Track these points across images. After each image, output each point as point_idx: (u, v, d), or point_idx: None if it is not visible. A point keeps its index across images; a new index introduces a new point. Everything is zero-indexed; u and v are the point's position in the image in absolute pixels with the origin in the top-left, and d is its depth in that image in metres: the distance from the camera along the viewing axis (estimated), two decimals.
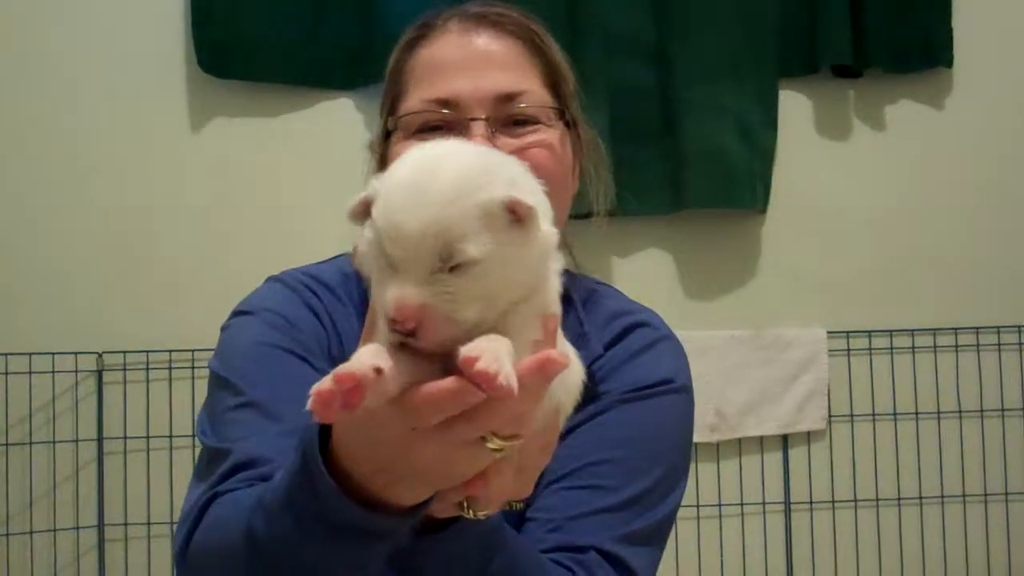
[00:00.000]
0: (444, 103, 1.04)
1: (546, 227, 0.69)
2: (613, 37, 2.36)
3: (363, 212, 0.69)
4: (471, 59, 1.05)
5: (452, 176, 0.65)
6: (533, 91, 1.06)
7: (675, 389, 1.08)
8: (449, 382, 0.63)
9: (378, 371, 0.63)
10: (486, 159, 0.70)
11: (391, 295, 0.64)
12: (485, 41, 1.06)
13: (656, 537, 1.03)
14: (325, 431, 0.75)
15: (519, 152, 1.01)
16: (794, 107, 2.47)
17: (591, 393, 1.04)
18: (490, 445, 0.67)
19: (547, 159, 1.04)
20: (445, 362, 0.66)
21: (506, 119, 1.04)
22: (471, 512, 0.76)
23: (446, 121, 1.04)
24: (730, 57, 2.39)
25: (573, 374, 0.78)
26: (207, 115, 2.36)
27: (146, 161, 2.34)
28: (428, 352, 0.67)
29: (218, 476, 0.92)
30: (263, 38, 2.32)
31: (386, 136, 1.10)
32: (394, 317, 0.64)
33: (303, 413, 0.80)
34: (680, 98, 2.38)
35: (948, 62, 2.47)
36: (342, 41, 2.34)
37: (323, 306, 1.06)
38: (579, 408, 1.03)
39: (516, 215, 0.67)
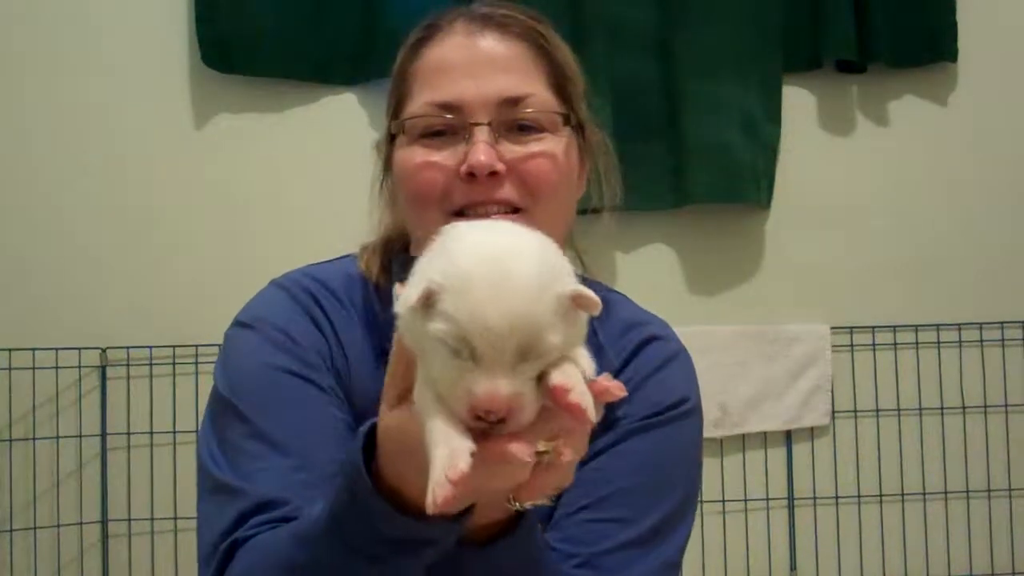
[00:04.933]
0: (447, 107, 1.02)
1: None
2: (616, 31, 2.35)
3: (425, 304, 0.70)
4: (475, 62, 1.03)
5: (530, 272, 0.69)
6: (538, 94, 1.04)
7: (689, 411, 1.09)
8: (512, 452, 0.69)
9: (473, 454, 0.68)
10: (542, 249, 0.72)
11: (482, 389, 0.67)
12: (490, 44, 1.05)
13: (677, 564, 1.04)
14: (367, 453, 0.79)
15: (522, 161, 1.02)
16: (797, 102, 2.46)
17: (610, 416, 1.04)
18: (536, 448, 0.70)
19: (549, 171, 1.03)
20: None
21: (510, 124, 1.03)
22: (518, 504, 0.79)
23: (450, 125, 1.02)
24: (734, 52, 2.39)
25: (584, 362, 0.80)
26: (210, 110, 2.36)
27: (149, 156, 2.34)
28: None
29: (234, 520, 0.93)
30: (266, 33, 2.31)
31: (391, 139, 1.09)
32: (488, 409, 0.67)
33: (311, 446, 0.91)
34: (683, 93, 2.38)
35: (952, 57, 2.46)
36: (345, 36, 2.34)
37: (324, 315, 1.06)
38: (599, 431, 1.03)
39: (577, 304, 0.71)
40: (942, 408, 2.44)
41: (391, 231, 1.13)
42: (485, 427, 0.69)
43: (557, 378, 0.67)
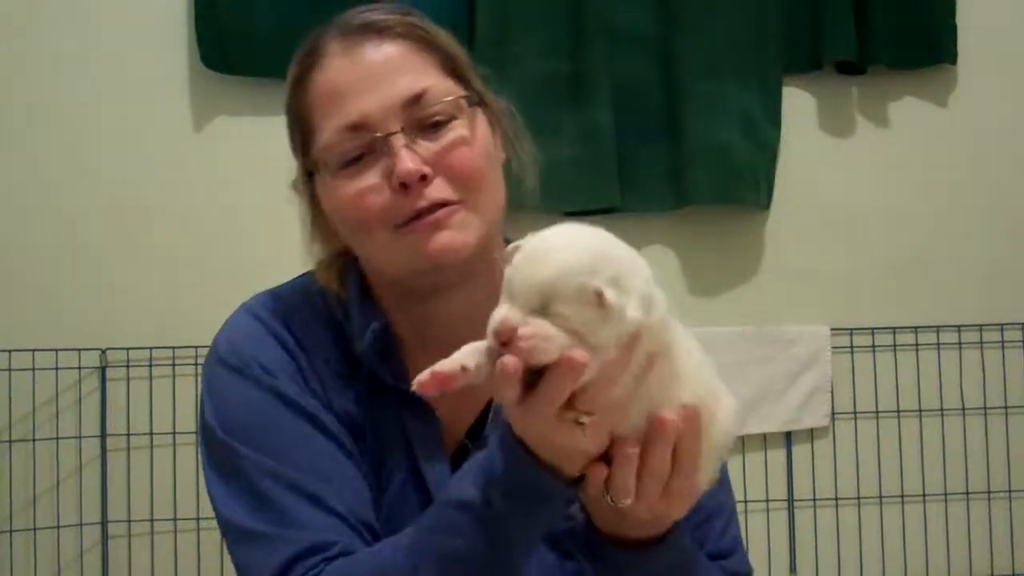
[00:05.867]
0: (355, 127, 1.03)
1: (637, 314, 0.86)
2: (617, 33, 2.35)
3: (509, 256, 0.89)
4: (366, 75, 1.04)
5: (569, 257, 0.85)
6: (436, 84, 1.05)
7: None
8: (503, 362, 0.83)
9: (464, 369, 0.86)
10: (599, 252, 0.87)
11: (499, 314, 0.85)
12: (373, 53, 1.05)
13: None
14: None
15: (443, 156, 1.03)
16: (798, 104, 2.46)
17: None
18: (567, 416, 0.84)
19: (471, 157, 1.04)
20: None
21: (422, 123, 1.03)
22: (611, 499, 0.90)
23: (366, 146, 1.03)
24: (734, 54, 2.38)
25: (722, 414, 0.96)
26: (209, 111, 2.36)
27: (148, 157, 2.34)
28: None
29: (282, 566, 0.96)
30: (266, 32, 2.30)
31: (309, 177, 1.10)
32: (497, 329, 0.84)
33: (323, 477, 1.01)
34: (683, 94, 2.38)
35: (952, 59, 2.46)
36: None
37: (295, 339, 1.08)
38: None
39: (598, 300, 0.83)
40: (942, 410, 2.44)
41: (337, 249, 1.15)
42: (498, 349, 0.83)
43: (524, 329, 0.83)
